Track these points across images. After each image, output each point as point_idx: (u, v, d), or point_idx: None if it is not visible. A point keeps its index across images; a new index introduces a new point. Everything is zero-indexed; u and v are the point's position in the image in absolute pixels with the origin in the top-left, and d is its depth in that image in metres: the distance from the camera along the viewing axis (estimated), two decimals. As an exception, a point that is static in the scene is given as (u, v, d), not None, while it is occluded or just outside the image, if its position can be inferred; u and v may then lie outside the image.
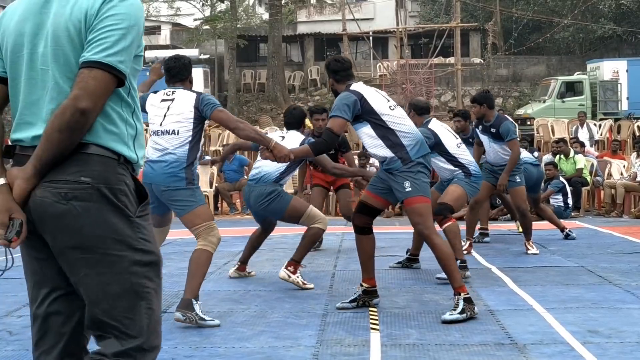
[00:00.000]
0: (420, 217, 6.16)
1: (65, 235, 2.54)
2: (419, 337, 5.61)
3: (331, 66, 6.42)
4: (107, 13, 2.58)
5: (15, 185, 2.53)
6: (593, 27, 34.85)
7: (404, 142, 6.16)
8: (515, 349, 5.23)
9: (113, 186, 2.58)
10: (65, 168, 2.54)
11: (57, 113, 2.52)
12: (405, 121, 6.32)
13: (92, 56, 2.54)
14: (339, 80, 6.37)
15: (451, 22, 27.81)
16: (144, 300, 2.63)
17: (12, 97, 2.71)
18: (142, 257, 2.62)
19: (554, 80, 27.06)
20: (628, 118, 24.47)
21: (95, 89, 2.51)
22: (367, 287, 6.59)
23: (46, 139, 2.51)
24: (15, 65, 2.66)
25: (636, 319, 6.04)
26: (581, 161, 15.01)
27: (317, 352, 5.26)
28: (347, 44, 28.61)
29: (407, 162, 6.14)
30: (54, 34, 2.60)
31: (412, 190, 6.12)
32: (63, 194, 2.52)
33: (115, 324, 2.57)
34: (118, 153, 2.62)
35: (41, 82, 2.62)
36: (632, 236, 10.91)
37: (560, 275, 7.92)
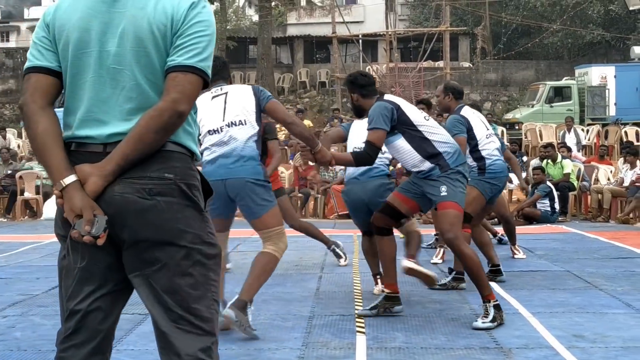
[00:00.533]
0: (451, 225, 5.96)
1: (148, 230, 2.57)
2: (404, 340, 5.62)
3: (359, 81, 6.24)
4: (194, 19, 2.65)
5: (91, 182, 2.54)
6: (582, 32, 35.02)
7: (442, 151, 6.01)
8: (501, 353, 5.24)
9: (189, 182, 2.65)
10: (148, 165, 2.58)
11: (153, 115, 2.56)
12: (441, 131, 6.17)
13: (185, 61, 2.61)
14: (365, 95, 6.20)
15: (440, 26, 27.82)
16: (210, 292, 2.68)
17: (71, 92, 2.69)
18: (210, 250, 2.68)
19: (543, 85, 27.14)
20: (616, 124, 24.57)
21: (191, 93, 2.61)
22: (388, 292, 6.38)
23: (138, 138, 2.54)
24: (79, 61, 2.65)
25: (621, 324, 6.06)
26: (568, 166, 15.08)
27: (302, 354, 5.26)
28: (336, 46, 28.59)
29: (446, 170, 5.99)
30: (136, 35, 2.61)
31: (447, 195, 5.96)
32: (147, 190, 2.56)
33: (187, 315, 2.61)
34: (191, 150, 2.71)
35: (111, 81, 2.63)
36: (618, 241, 10.95)
37: (547, 280, 7.94)
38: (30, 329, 6.09)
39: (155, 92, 2.64)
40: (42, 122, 2.61)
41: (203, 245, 2.65)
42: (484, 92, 31.78)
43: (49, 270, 8.86)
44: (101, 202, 2.55)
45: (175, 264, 2.60)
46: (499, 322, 5.90)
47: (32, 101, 2.64)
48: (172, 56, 2.63)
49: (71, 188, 2.54)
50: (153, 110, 2.57)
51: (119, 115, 2.62)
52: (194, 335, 2.62)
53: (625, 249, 10.26)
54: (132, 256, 2.61)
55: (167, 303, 2.60)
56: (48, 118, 2.63)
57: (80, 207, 2.51)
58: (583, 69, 28.25)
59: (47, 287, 7.76)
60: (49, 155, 2.59)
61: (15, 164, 17.69)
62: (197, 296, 2.63)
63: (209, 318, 2.67)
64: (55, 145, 2.60)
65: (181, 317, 2.60)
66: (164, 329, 2.62)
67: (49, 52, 2.70)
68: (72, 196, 2.53)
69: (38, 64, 2.69)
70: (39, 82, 2.67)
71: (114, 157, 2.55)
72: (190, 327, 2.62)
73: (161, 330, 2.63)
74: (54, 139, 2.61)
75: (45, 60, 2.69)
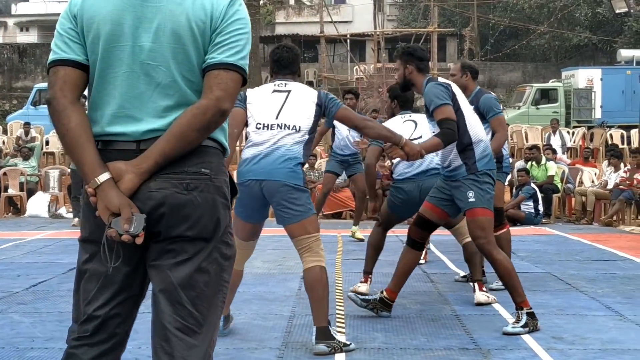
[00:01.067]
0: (482, 231, 5.80)
1: (183, 224, 2.54)
2: (384, 340, 5.62)
3: (417, 53, 5.93)
4: (234, 17, 2.63)
5: (127, 179, 2.50)
6: (569, 35, 35.20)
7: (475, 150, 5.84)
8: (479, 354, 5.26)
9: (222, 177, 2.63)
10: (186, 160, 2.55)
11: (196, 113, 2.52)
12: (481, 128, 6.00)
13: (227, 58, 2.58)
14: (422, 70, 5.93)
15: (428, 27, 27.89)
16: (221, 293, 2.65)
17: (99, 86, 2.63)
18: (227, 251, 2.66)
19: (529, 87, 27.25)
20: (601, 126, 24.70)
21: (233, 91, 2.59)
22: (386, 297, 6.30)
23: (180, 137, 2.51)
24: (110, 55, 2.59)
25: (600, 326, 6.08)
26: (552, 168, 15.12)
27: (282, 354, 5.25)
28: (324, 46, 28.62)
29: (474, 171, 5.83)
30: (174, 31, 2.57)
31: (475, 201, 5.79)
32: (185, 185, 2.54)
33: (196, 314, 2.56)
34: (223, 146, 2.69)
35: (145, 77, 2.58)
36: (600, 244, 10.99)
37: (528, 281, 7.91)
38: (9, 326, 6.05)
39: (192, 89, 2.60)
40: (74, 117, 2.54)
41: (222, 245, 2.63)
42: (471, 93, 31.83)
43: (30, 268, 8.84)
44: (136, 199, 2.51)
45: (199, 259, 2.56)
46: (531, 328, 5.75)
47: (63, 95, 2.57)
48: (212, 53, 2.59)
49: (106, 186, 2.49)
50: (196, 108, 2.54)
51: (154, 112, 2.58)
52: (195, 339, 2.56)
53: (607, 251, 10.30)
54: (159, 247, 2.57)
55: (181, 298, 2.55)
56: (79, 113, 2.57)
57: (118, 206, 2.47)
58: (570, 71, 28.39)
59: (27, 285, 7.73)
60: (82, 152, 2.53)
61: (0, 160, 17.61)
62: (209, 295, 2.59)
63: (213, 321, 2.64)
64: (88, 141, 2.54)
65: (190, 315, 2.56)
66: (169, 325, 2.56)
67: (76, 44, 2.62)
68: (108, 194, 2.49)
69: (66, 57, 2.61)
70: (68, 75, 2.59)
71: (151, 155, 2.51)
72: (196, 326, 2.57)
73: (164, 325, 2.57)
74: (86, 135, 2.55)
75: (73, 53, 2.61)
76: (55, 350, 5.19)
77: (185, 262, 2.56)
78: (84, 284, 2.66)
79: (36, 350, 5.32)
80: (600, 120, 25.92)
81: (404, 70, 5.97)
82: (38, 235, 12.18)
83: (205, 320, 2.59)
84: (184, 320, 2.56)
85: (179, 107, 2.58)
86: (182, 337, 2.55)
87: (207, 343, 2.61)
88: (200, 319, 2.58)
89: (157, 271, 2.58)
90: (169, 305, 2.56)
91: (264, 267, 8.90)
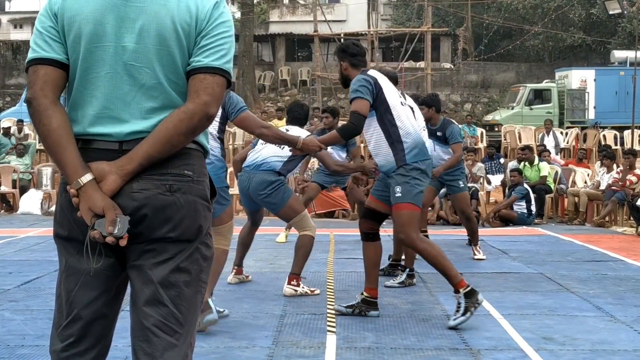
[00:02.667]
0: (402, 226, 6.02)
1: (166, 226, 2.52)
2: (375, 340, 5.63)
3: (350, 49, 6.18)
4: (219, 19, 2.61)
5: (110, 180, 2.48)
6: (563, 35, 35.22)
7: (403, 141, 6.02)
8: (470, 354, 5.27)
9: (203, 179, 2.63)
10: (169, 161, 2.54)
11: (182, 117, 2.52)
12: (411, 121, 6.15)
13: (213, 62, 2.58)
14: (355, 65, 6.16)
15: (422, 27, 27.88)
16: (200, 293, 2.64)
17: (80, 86, 2.59)
18: (207, 252, 2.65)
19: (523, 88, 27.27)
20: (594, 127, 24.74)
21: (219, 96, 2.58)
22: (367, 296, 6.37)
23: (166, 140, 2.50)
24: (91, 55, 2.56)
25: (591, 326, 6.10)
26: (545, 168, 15.14)
27: (272, 353, 5.26)
28: (318, 45, 28.61)
29: (402, 165, 6.02)
30: (158, 32, 2.55)
31: (401, 197, 6.00)
32: (168, 186, 2.53)
33: (177, 313, 2.54)
34: (205, 148, 2.69)
35: (128, 78, 2.55)
36: (592, 244, 11.01)
37: (519, 282, 7.98)
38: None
39: (176, 91, 2.59)
40: (55, 117, 2.51)
41: (203, 246, 2.62)
42: (465, 93, 31.90)
43: (22, 265, 8.82)
44: (117, 200, 2.48)
45: (179, 258, 2.55)
46: (472, 311, 5.86)
47: (43, 95, 2.53)
48: (198, 56, 2.58)
49: (89, 187, 2.47)
50: (182, 112, 2.53)
51: (138, 114, 2.56)
52: (176, 339, 2.54)
53: (599, 252, 10.31)
54: (140, 247, 2.55)
55: (162, 297, 2.53)
56: (61, 114, 2.53)
57: (102, 207, 2.44)
58: (563, 72, 28.43)
59: (19, 282, 7.72)
60: (64, 152, 2.51)
61: (-7, 157, 17.59)
62: (189, 295, 2.58)
63: (193, 322, 2.62)
64: (70, 142, 2.52)
65: (171, 314, 2.54)
66: (149, 324, 2.54)
67: (56, 43, 2.58)
68: (91, 195, 2.46)
69: (46, 56, 2.57)
70: (49, 75, 2.56)
71: (135, 157, 2.50)
72: (177, 326, 2.54)
73: (144, 325, 2.54)
74: (68, 136, 2.52)
75: (53, 52, 2.58)
76: (46, 348, 5.12)
77: (167, 261, 2.55)
78: (65, 283, 2.63)
79: (27, 348, 5.32)
80: (594, 121, 25.96)
81: (340, 66, 6.27)
82: (30, 232, 12.15)
83: (186, 320, 2.58)
84: (165, 320, 2.54)
85: (163, 109, 2.57)
86: (163, 336, 2.53)
87: (187, 344, 2.60)
88: (180, 318, 2.56)
89: (138, 271, 2.57)
90: (149, 304, 2.54)
91: (256, 266, 8.89)
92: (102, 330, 2.65)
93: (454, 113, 29.84)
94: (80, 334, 2.61)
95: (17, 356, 5.15)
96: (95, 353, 2.64)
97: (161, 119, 2.55)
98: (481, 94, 32.65)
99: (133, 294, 2.60)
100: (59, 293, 2.65)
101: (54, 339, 2.65)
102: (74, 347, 2.61)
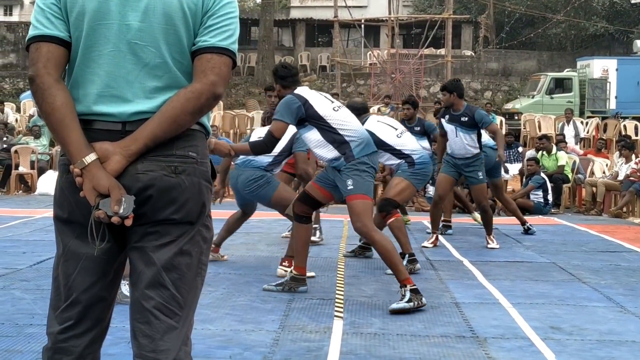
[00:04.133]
0: (358, 215, 6.21)
1: (170, 207, 2.52)
2: (381, 326, 5.63)
3: (279, 72, 6.49)
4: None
5: (114, 161, 2.45)
6: (585, 24, 34.89)
7: (349, 141, 6.26)
8: (476, 342, 5.25)
9: (206, 161, 2.62)
10: (174, 142, 2.53)
11: (189, 97, 2.50)
12: (350, 120, 6.42)
13: (220, 42, 2.56)
14: (286, 87, 6.45)
15: (444, 14, 27.69)
16: (200, 276, 2.64)
17: (82, 64, 2.56)
18: (207, 234, 2.65)
19: (544, 76, 27.04)
20: (615, 117, 24.52)
21: (226, 76, 2.57)
22: (296, 274, 6.67)
23: (173, 120, 2.48)
24: (95, 32, 2.53)
25: (600, 317, 6.07)
26: (563, 158, 15.05)
27: (278, 336, 5.27)
28: (337, 31, 28.48)
29: (351, 160, 6.23)
30: (165, 11, 2.53)
31: (354, 189, 6.21)
32: (173, 168, 2.51)
33: (178, 296, 2.54)
34: (207, 129, 2.68)
35: (132, 56, 2.53)
36: (608, 235, 10.94)
37: (531, 271, 7.94)
38: (10, 302, 6.10)
39: (181, 71, 2.57)
40: (59, 96, 2.48)
41: (204, 228, 2.62)
42: (485, 81, 31.68)
43: (36, 245, 8.88)
44: (122, 180, 2.46)
45: (182, 241, 2.54)
46: (415, 304, 6.01)
47: (47, 73, 2.50)
48: (204, 36, 2.56)
49: (93, 166, 2.44)
50: (189, 92, 2.51)
51: (142, 93, 2.54)
52: (176, 321, 2.54)
53: (614, 242, 10.25)
54: (143, 229, 2.53)
55: (164, 280, 2.52)
56: (64, 92, 2.51)
57: (107, 187, 2.41)
58: (585, 61, 28.15)
59: (31, 262, 7.78)
60: (68, 131, 2.47)
61: (11, 138, 17.69)
62: (190, 278, 2.57)
63: (193, 304, 2.62)
64: (73, 120, 2.49)
65: (172, 297, 2.53)
66: (150, 307, 2.52)
67: (59, 20, 2.55)
68: (96, 175, 2.43)
69: (48, 33, 2.54)
70: (52, 52, 2.52)
71: (140, 137, 2.47)
72: (177, 308, 2.54)
73: (145, 307, 2.53)
74: (72, 114, 2.49)
75: (56, 29, 2.54)
76: (53, 327, 5.21)
77: (169, 244, 2.53)
78: (63, 266, 2.61)
79: (35, 327, 5.35)
80: (615, 111, 25.72)
81: (276, 87, 6.62)
82: (46, 213, 12.20)
83: (186, 302, 2.57)
84: (165, 302, 2.53)
85: (168, 89, 2.55)
86: (163, 319, 2.52)
87: (187, 326, 2.59)
88: (181, 301, 2.55)
89: (140, 253, 2.55)
90: (151, 287, 2.53)
91: (268, 250, 8.91)
92: (100, 313, 2.64)
93: (474, 101, 29.66)
94: (79, 317, 2.60)
95: (24, 335, 5.19)
96: (93, 335, 2.64)
97: (165, 99, 2.53)
98: (502, 82, 32.42)
99: (134, 276, 2.58)
100: (56, 275, 2.64)
101: (52, 321, 2.64)
102: (72, 330, 2.61)
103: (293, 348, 5.04)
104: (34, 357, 4.68)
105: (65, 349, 2.61)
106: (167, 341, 2.53)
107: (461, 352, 5.02)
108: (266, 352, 4.92)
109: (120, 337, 4.75)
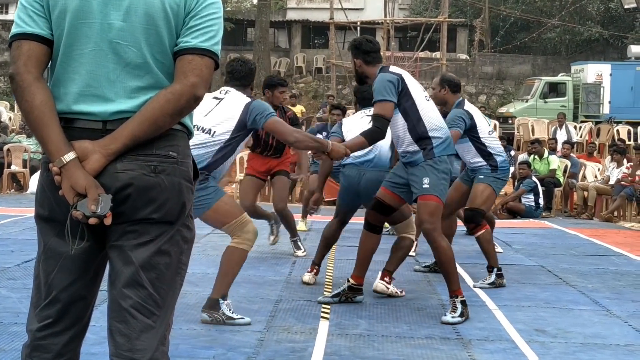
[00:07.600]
0: (431, 216, 5.82)
1: (149, 207, 2.51)
2: (367, 327, 5.64)
3: (363, 46, 5.95)
4: (208, 0, 2.60)
5: (93, 159, 2.45)
6: (580, 29, 34.98)
7: (432, 136, 5.85)
8: (460, 344, 5.27)
9: (187, 161, 2.61)
10: (154, 142, 2.52)
11: (170, 98, 2.50)
12: (437, 115, 6.00)
13: (201, 43, 2.56)
14: (369, 62, 5.96)
15: (439, 17, 27.74)
16: (180, 276, 2.63)
17: (63, 62, 2.56)
18: (188, 234, 2.64)
19: (538, 80, 27.09)
20: (609, 122, 24.58)
21: (207, 77, 2.56)
22: (353, 284, 6.38)
23: (152, 121, 2.48)
24: (76, 31, 2.52)
25: (585, 320, 6.09)
26: (555, 162, 15.10)
27: (263, 337, 5.28)
28: (333, 33, 28.52)
29: (431, 157, 5.84)
30: (146, 11, 2.52)
31: (429, 188, 5.81)
32: (153, 167, 2.51)
33: (155, 295, 2.54)
34: (189, 129, 2.67)
35: (113, 56, 2.53)
36: (597, 239, 10.97)
37: (519, 274, 7.96)
38: (-4, 301, 6.10)
39: (162, 71, 2.57)
40: (38, 94, 2.48)
41: (184, 228, 2.61)
42: (480, 84, 31.75)
43: (25, 244, 8.88)
44: (101, 180, 2.46)
45: (161, 241, 2.54)
46: (465, 317, 5.87)
47: (27, 71, 2.50)
48: (186, 37, 2.56)
49: (72, 165, 2.44)
50: (170, 93, 2.51)
51: (123, 93, 2.53)
52: (153, 321, 2.53)
53: (603, 246, 10.28)
54: (121, 228, 2.53)
55: (141, 279, 2.52)
56: (44, 90, 2.51)
57: (85, 186, 2.41)
58: (579, 65, 28.21)
59: (19, 261, 7.77)
60: (47, 130, 2.48)
61: (4, 137, 17.67)
62: (168, 277, 2.57)
63: (171, 304, 2.62)
64: (53, 119, 2.49)
65: (150, 296, 2.52)
66: (127, 306, 2.52)
67: (41, 18, 2.55)
68: (74, 174, 2.43)
69: (30, 31, 2.54)
70: (33, 50, 2.52)
71: (119, 137, 2.47)
72: (155, 308, 2.53)
73: (122, 306, 2.53)
74: (51, 113, 2.49)
75: (37, 27, 2.54)
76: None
77: (148, 243, 2.53)
78: (44, 264, 2.61)
79: (20, 326, 5.33)
80: (608, 116, 25.79)
81: (353, 64, 6.08)
82: (37, 212, 12.22)
83: (164, 302, 2.57)
84: (143, 302, 2.53)
85: (149, 89, 2.55)
86: (140, 318, 2.52)
87: (164, 326, 2.59)
88: (159, 300, 2.55)
89: (119, 251, 2.55)
90: (128, 286, 2.53)
91: (257, 251, 8.88)
92: (79, 311, 2.64)
93: (468, 104, 29.68)
94: (58, 316, 2.60)
95: (9, 333, 5.18)
96: (72, 333, 2.64)
97: (147, 99, 2.53)
98: (496, 86, 32.48)
99: (112, 274, 2.58)
100: (37, 273, 2.64)
101: (32, 319, 2.64)
102: (51, 328, 2.61)
103: (277, 349, 5.05)
104: (17, 355, 4.65)
105: (43, 347, 2.61)
106: (144, 340, 2.52)
107: (445, 354, 5.04)
108: (250, 352, 4.93)
109: (104, 336, 4.71)
